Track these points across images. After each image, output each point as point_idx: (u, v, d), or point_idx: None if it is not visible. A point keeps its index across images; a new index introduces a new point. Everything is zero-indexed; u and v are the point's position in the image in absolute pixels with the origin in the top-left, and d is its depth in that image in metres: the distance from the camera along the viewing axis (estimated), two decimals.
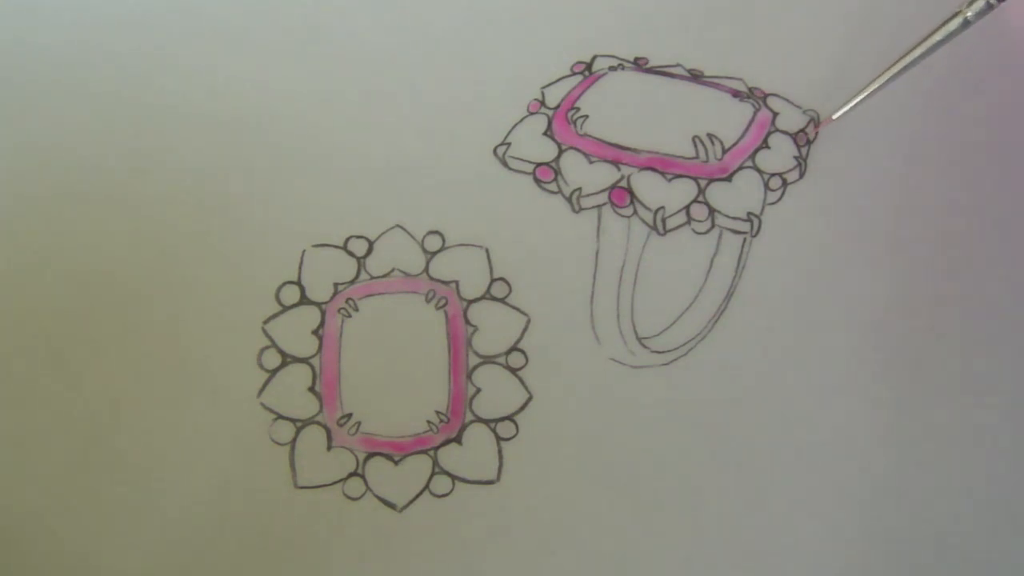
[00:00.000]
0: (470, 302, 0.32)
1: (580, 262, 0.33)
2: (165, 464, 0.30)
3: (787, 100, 0.35)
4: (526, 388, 0.31)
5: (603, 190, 0.33)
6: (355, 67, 0.35)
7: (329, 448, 0.30)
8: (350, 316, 0.31)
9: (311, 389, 0.31)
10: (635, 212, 0.33)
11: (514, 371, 0.31)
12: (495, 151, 0.34)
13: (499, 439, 0.31)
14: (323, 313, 0.31)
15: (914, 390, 0.32)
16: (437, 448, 0.30)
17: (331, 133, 0.34)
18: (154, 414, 0.30)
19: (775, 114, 0.35)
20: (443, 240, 0.32)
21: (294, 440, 0.30)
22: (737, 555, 0.30)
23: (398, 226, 0.32)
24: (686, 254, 0.33)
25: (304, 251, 0.32)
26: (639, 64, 0.35)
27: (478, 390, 0.31)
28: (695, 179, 0.34)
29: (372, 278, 0.32)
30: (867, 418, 0.31)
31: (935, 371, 0.32)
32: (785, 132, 0.34)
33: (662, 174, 0.34)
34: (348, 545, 0.30)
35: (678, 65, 0.35)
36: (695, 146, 0.34)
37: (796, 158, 0.34)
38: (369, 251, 0.32)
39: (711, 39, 0.36)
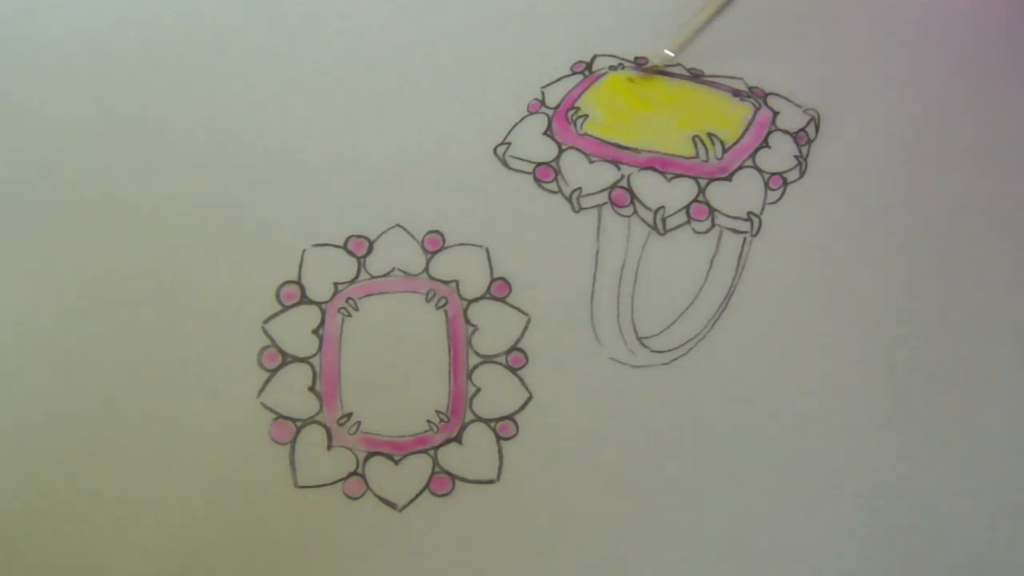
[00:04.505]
0: (470, 302, 0.32)
1: (580, 262, 0.33)
2: (165, 464, 0.30)
3: (787, 99, 0.35)
4: (526, 388, 0.31)
5: (603, 190, 0.33)
6: (355, 67, 0.35)
7: (329, 448, 0.30)
8: (350, 316, 0.31)
9: (311, 389, 0.31)
10: (635, 212, 0.33)
11: (514, 371, 0.31)
12: (495, 151, 0.34)
13: (499, 439, 0.31)
14: (323, 313, 0.31)
15: (915, 390, 0.32)
16: (437, 448, 0.30)
17: (331, 133, 0.34)
18: (154, 414, 0.30)
19: (775, 113, 0.35)
20: (443, 240, 0.32)
21: (294, 440, 0.30)
22: (737, 555, 0.30)
23: (398, 226, 0.33)
24: (686, 254, 0.33)
25: (304, 251, 0.32)
26: (639, 64, 0.35)
27: (478, 390, 0.31)
28: (695, 179, 0.34)
29: (372, 278, 0.32)
30: (867, 418, 0.31)
31: (935, 371, 0.32)
32: (785, 131, 0.34)
33: (662, 174, 0.34)
34: (348, 545, 0.29)
35: (678, 65, 0.35)
36: (695, 146, 0.34)
37: (796, 157, 0.34)
38: (369, 251, 0.32)
39: (711, 39, 0.36)
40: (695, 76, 0.35)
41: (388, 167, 0.33)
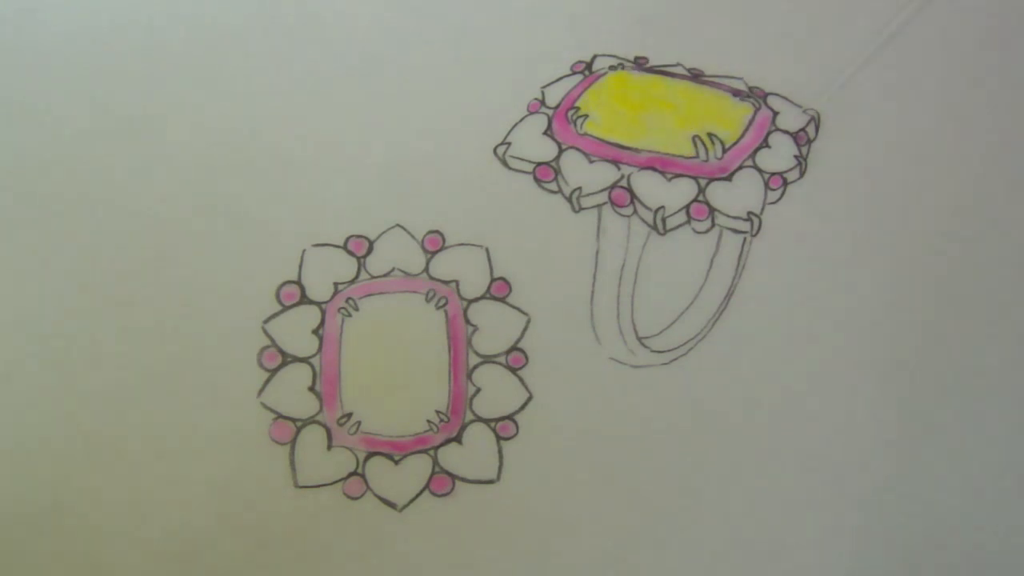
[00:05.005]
0: (470, 302, 0.32)
1: (580, 262, 0.33)
2: (165, 464, 0.30)
3: (787, 99, 0.35)
4: (526, 388, 0.31)
5: (603, 190, 0.33)
6: (355, 67, 0.35)
7: (329, 448, 0.30)
8: (350, 316, 0.31)
9: (311, 389, 0.31)
10: (635, 212, 0.33)
11: (514, 371, 0.31)
12: (495, 151, 0.34)
13: (499, 439, 0.31)
14: (323, 313, 0.31)
15: (914, 390, 0.32)
16: (437, 448, 0.30)
17: (331, 133, 0.34)
18: (154, 414, 0.30)
19: (775, 113, 0.35)
20: (443, 240, 0.32)
21: (294, 440, 0.30)
22: (737, 555, 0.30)
23: (398, 226, 0.32)
24: (686, 254, 0.33)
25: (304, 251, 0.32)
26: (639, 64, 0.35)
27: (478, 390, 0.31)
28: (695, 179, 0.34)
29: (372, 278, 0.32)
30: (867, 418, 0.31)
31: (935, 371, 0.32)
32: (785, 131, 0.34)
33: (662, 174, 0.34)
34: (348, 545, 0.30)
35: (678, 65, 0.35)
36: (695, 145, 0.34)
37: (796, 157, 0.34)
38: (369, 251, 0.32)
39: (711, 39, 0.36)
40: (695, 76, 0.35)
41: (388, 167, 0.33)
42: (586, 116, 0.34)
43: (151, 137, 0.33)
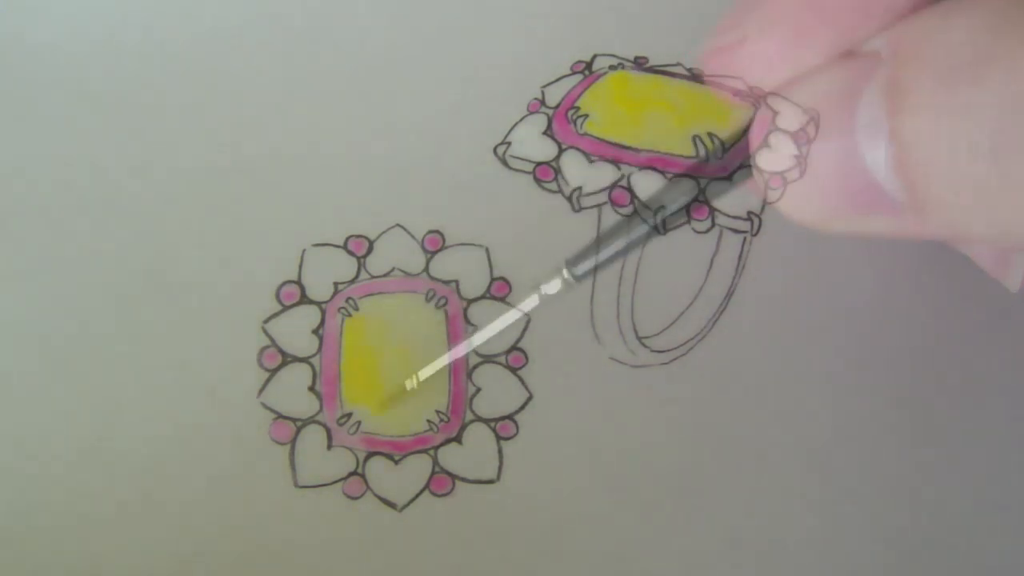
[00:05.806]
0: (470, 302, 0.32)
1: None
2: (164, 464, 0.30)
3: (787, 99, 0.35)
4: (526, 388, 0.31)
5: (603, 189, 0.33)
6: (355, 67, 0.35)
7: (329, 448, 0.30)
8: (350, 315, 0.31)
9: (311, 389, 0.31)
10: (635, 211, 0.33)
11: (514, 371, 0.31)
12: (495, 151, 0.34)
13: (499, 439, 0.31)
14: (323, 312, 0.31)
15: (914, 390, 0.32)
16: (437, 447, 0.30)
17: (331, 133, 0.34)
18: (154, 414, 0.30)
19: (775, 113, 0.35)
20: (443, 240, 0.32)
21: (294, 440, 0.30)
22: (737, 555, 0.30)
23: (398, 226, 0.32)
24: (686, 254, 0.33)
25: (304, 251, 0.32)
26: (639, 63, 0.35)
27: (478, 389, 0.31)
28: (695, 178, 0.33)
29: (372, 277, 0.32)
30: (867, 418, 0.31)
31: (935, 370, 0.32)
32: (785, 131, 0.34)
33: (662, 173, 0.34)
34: (348, 545, 0.29)
35: (678, 64, 0.35)
36: (695, 145, 0.34)
37: (796, 157, 0.34)
38: (369, 251, 0.32)
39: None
40: (695, 76, 0.35)
41: (388, 167, 0.33)
42: (586, 116, 0.34)
43: (151, 137, 0.33)
